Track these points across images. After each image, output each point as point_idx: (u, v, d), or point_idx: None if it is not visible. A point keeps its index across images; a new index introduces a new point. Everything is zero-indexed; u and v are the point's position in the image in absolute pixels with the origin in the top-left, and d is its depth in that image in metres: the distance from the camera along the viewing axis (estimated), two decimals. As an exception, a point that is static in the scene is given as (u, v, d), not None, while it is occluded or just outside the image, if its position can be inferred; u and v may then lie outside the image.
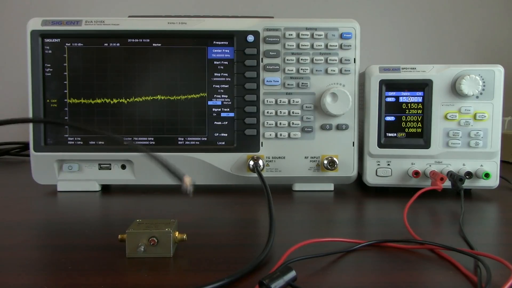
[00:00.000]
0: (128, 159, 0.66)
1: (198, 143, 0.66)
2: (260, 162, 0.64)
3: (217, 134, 0.66)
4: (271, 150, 0.66)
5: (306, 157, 0.66)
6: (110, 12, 1.12)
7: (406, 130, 0.64)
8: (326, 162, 0.65)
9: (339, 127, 0.65)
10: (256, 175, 0.62)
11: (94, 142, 0.66)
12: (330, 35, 0.65)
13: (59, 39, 0.65)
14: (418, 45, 1.13)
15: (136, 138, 0.66)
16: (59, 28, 0.65)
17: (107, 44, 0.65)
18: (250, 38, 0.65)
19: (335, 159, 0.65)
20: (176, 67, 0.66)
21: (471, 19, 1.13)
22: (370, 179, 0.65)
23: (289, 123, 0.66)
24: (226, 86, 0.66)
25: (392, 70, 0.63)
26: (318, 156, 0.66)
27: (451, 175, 0.60)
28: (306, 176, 0.66)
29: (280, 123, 0.66)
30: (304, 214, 0.56)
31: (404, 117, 0.63)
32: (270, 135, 0.66)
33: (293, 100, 0.65)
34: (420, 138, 0.63)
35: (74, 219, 0.52)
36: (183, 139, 0.66)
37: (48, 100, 0.66)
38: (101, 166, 0.67)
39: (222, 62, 0.66)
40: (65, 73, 0.65)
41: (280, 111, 0.65)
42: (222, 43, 0.66)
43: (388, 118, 0.64)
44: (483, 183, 0.63)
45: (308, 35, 0.65)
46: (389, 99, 0.64)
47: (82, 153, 0.66)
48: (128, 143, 0.61)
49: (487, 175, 0.62)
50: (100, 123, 0.66)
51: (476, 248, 0.40)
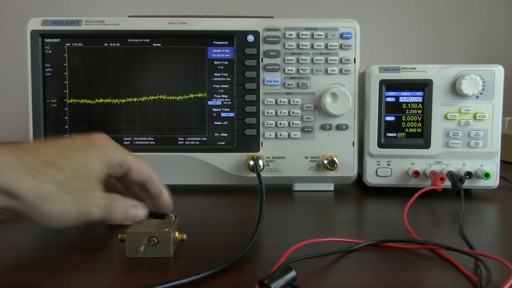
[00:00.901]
0: (128, 159, 0.66)
1: (198, 143, 0.66)
2: (260, 162, 0.64)
3: (217, 134, 0.66)
4: (271, 150, 0.66)
5: (306, 157, 0.66)
6: (110, 12, 1.12)
7: (406, 130, 0.64)
8: (326, 162, 0.65)
9: (339, 127, 0.65)
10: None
11: (94, 142, 0.66)
12: (330, 35, 0.65)
13: (59, 39, 0.65)
14: (418, 45, 1.13)
15: (136, 138, 0.66)
16: (59, 28, 0.65)
17: (107, 44, 0.65)
18: (250, 38, 0.65)
19: (335, 159, 0.65)
20: (176, 67, 0.66)
21: (471, 19, 1.13)
22: (370, 179, 0.65)
23: (289, 123, 0.66)
24: (226, 86, 0.66)
25: (392, 70, 0.63)
26: (318, 156, 0.66)
27: (451, 175, 0.60)
28: (306, 176, 0.66)
29: (280, 123, 0.66)
30: (304, 214, 0.56)
31: (404, 117, 0.63)
32: (270, 135, 0.66)
33: (293, 100, 0.65)
34: (420, 138, 0.63)
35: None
36: (183, 139, 0.66)
37: (48, 100, 0.66)
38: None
39: (222, 62, 0.66)
40: (65, 73, 0.65)
41: (280, 111, 0.65)
42: (222, 43, 0.65)
43: (388, 118, 0.64)
44: (483, 183, 0.63)
45: (308, 35, 0.65)
46: (389, 99, 0.63)
47: (82, 153, 0.65)
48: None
49: (487, 175, 0.62)
50: (100, 123, 0.66)
51: (476, 248, 0.40)
